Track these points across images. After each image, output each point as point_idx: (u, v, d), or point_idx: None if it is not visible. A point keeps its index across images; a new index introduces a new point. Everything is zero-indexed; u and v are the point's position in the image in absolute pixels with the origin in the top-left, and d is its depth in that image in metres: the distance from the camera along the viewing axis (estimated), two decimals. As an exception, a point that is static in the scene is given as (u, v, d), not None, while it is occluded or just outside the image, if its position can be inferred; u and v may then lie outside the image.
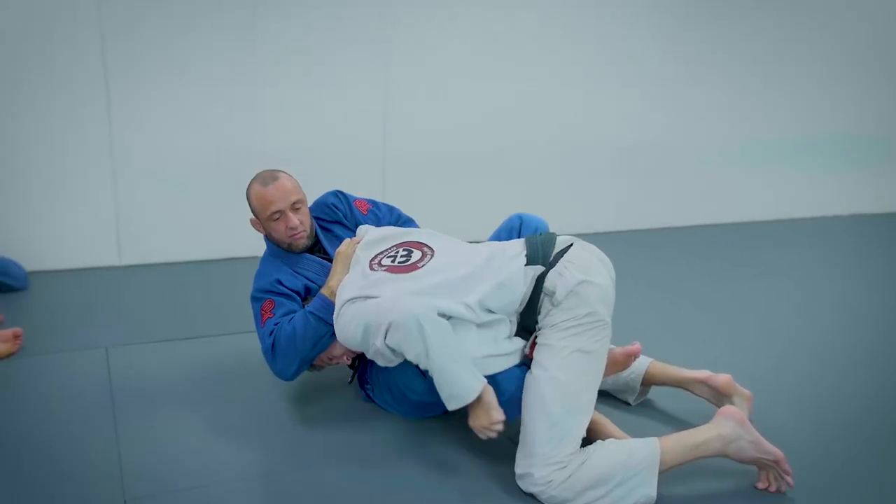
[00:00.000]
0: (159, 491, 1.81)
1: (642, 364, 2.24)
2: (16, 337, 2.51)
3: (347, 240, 2.19)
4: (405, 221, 2.45)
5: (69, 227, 3.30)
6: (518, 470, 1.83)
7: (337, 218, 2.36)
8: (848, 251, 4.14)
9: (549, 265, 1.92)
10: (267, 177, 2.25)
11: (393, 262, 2.03)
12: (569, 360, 1.83)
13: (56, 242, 3.29)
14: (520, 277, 1.91)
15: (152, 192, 3.38)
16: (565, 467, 1.78)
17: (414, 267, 1.98)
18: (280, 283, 2.17)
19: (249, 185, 2.27)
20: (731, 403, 2.13)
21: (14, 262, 3.11)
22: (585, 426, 1.85)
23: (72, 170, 3.25)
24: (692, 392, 2.20)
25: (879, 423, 2.24)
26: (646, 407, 2.27)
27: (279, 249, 2.27)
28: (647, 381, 2.25)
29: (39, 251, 3.25)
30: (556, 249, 1.96)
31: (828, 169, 4.68)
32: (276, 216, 2.20)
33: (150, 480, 1.85)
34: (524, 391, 1.87)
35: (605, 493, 1.77)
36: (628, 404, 2.27)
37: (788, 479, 1.85)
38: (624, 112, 4.09)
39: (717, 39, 4.16)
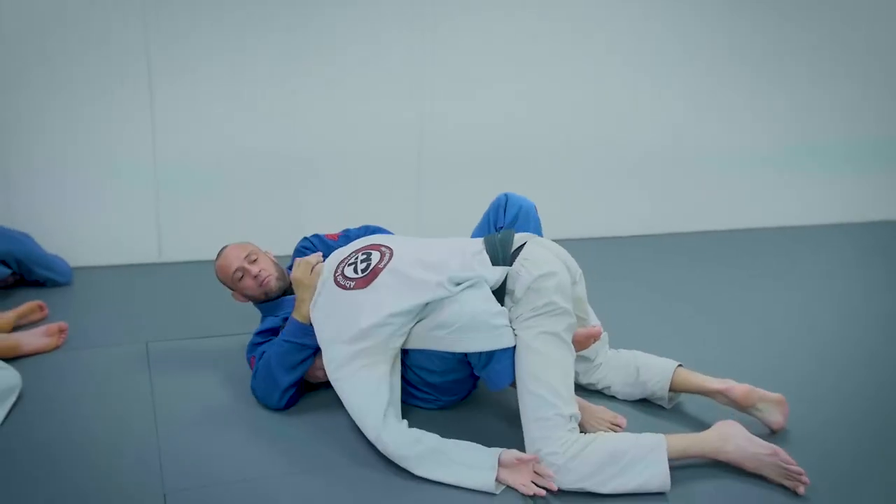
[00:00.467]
0: (199, 485, 1.84)
1: (667, 370, 2.25)
2: (61, 331, 2.57)
3: (297, 261, 2.21)
4: (375, 232, 2.51)
5: (111, 224, 3.37)
6: (554, 470, 1.85)
7: None
8: (874, 257, 4.00)
9: (508, 264, 2.01)
10: (217, 255, 2.48)
11: (354, 270, 2.10)
12: (534, 342, 1.93)
13: (99, 239, 3.37)
14: (487, 272, 1.99)
15: (192, 191, 3.44)
16: (574, 441, 1.85)
17: (376, 271, 2.05)
18: (258, 334, 2.34)
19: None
20: (757, 411, 2.13)
21: (59, 258, 3.19)
22: (573, 402, 1.92)
23: (115, 169, 3.31)
24: (716, 401, 2.20)
25: (882, 426, 2.22)
26: (659, 414, 2.26)
27: (263, 306, 2.45)
28: (674, 388, 2.26)
29: (83, 247, 3.32)
30: (514, 248, 2.05)
31: (859, 174, 4.56)
32: (239, 275, 2.40)
33: (190, 474, 1.88)
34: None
35: (619, 469, 1.83)
36: (663, 408, 2.28)
37: (794, 468, 1.86)
38: (656, 116, 4.05)
39: (743, 43, 4.10)
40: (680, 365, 2.27)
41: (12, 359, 2.37)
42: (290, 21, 3.38)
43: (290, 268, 2.48)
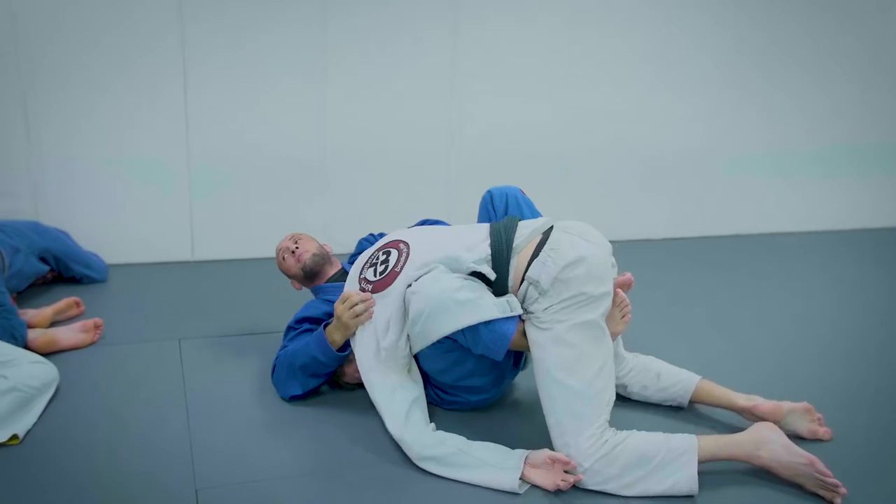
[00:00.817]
0: (230, 482, 1.85)
1: (690, 381, 2.22)
2: (96, 327, 2.61)
3: (345, 294, 2.12)
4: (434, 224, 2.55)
5: (146, 223, 3.42)
6: (578, 459, 1.85)
7: None
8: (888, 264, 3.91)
9: (536, 252, 1.96)
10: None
11: (374, 273, 2.12)
12: (567, 335, 1.88)
13: (134, 237, 3.42)
14: (470, 258, 1.99)
15: (225, 191, 3.47)
16: (604, 442, 1.83)
17: (393, 275, 2.05)
18: (297, 321, 2.37)
19: None
20: (787, 424, 2.10)
21: (95, 256, 3.24)
22: (610, 394, 1.90)
23: (150, 170, 3.36)
24: (742, 417, 2.16)
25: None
26: (680, 417, 2.24)
27: (312, 288, 2.55)
28: (695, 399, 2.22)
29: (119, 245, 3.37)
30: (535, 231, 2.02)
31: (869, 179, 4.46)
32: (282, 257, 2.54)
33: (221, 471, 1.89)
34: (537, 382, 1.93)
35: (647, 473, 1.82)
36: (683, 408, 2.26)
37: (831, 480, 1.82)
38: (678, 121, 4.01)
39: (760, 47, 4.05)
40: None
41: (50, 353, 2.42)
42: (323, 23, 3.40)
43: (351, 260, 2.58)
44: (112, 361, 2.47)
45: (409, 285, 1.98)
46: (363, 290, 2.11)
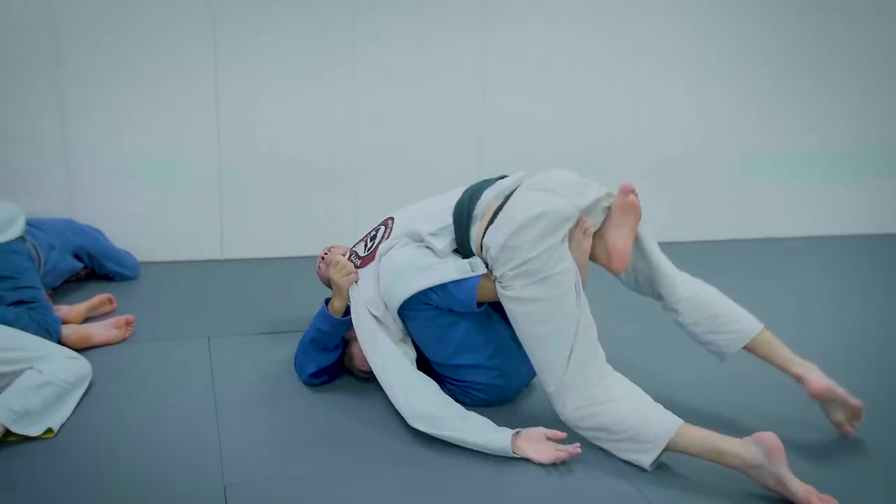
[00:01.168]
0: (258, 478, 1.87)
1: (749, 331, 2.11)
2: (128, 323, 2.65)
3: (334, 260, 2.29)
4: None
5: (177, 222, 3.47)
6: (556, 407, 1.95)
7: None
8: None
9: (493, 219, 2.03)
10: None
11: (364, 248, 2.29)
12: (525, 292, 1.93)
13: (165, 236, 3.46)
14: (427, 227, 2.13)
15: (254, 191, 3.51)
16: (590, 401, 1.88)
17: (376, 250, 2.22)
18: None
19: None
20: (830, 408, 2.04)
21: (127, 254, 3.29)
22: (585, 331, 1.93)
23: (181, 168, 3.41)
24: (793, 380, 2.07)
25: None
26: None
27: None
28: (749, 349, 2.13)
29: (150, 243, 3.42)
30: (498, 195, 2.08)
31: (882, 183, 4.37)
32: (319, 265, 2.62)
33: (250, 467, 1.91)
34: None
35: (608, 438, 1.91)
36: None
37: None
38: (692, 123, 3.97)
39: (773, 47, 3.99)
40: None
41: (83, 349, 2.46)
42: (353, 23, 3.42)
43: None
44: (143, 358, 2.51)
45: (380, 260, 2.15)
46: (353, 263, 2.27)
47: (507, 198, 2.07)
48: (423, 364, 2.24)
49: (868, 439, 2.11)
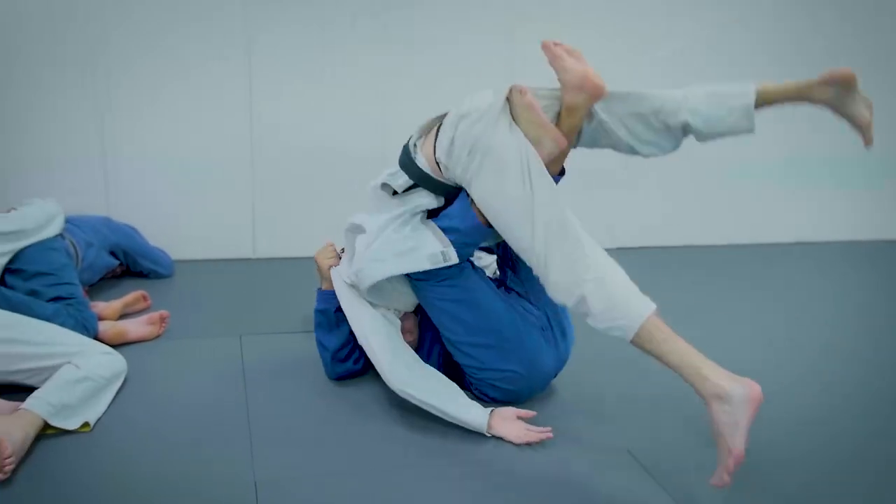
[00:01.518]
0: (289, 476, 1.88)
1: (746, 95, 1.96)
2: (162, 319, 2.68)
3: (319, 251, 2.49)
4: None
5: (211, 221, 3.51)
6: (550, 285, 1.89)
7: None
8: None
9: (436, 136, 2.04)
10: None
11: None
12: (478, 180, 1.94)
13: (199, 234, 3.51)
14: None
15: (287, 190, 3.54)
16: (582, 282, 1.82)
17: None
18: None
19: None
20: (854, 102, 1.91)
21: (162, 251, 3.34)
22: (555, 213, 1.88)
23: (215, 168, 3.46)
24: (814, 102, 1.93)
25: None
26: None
27: None
28: (762, 102, 1.97)
29: (184, 241, 3.47)
30: (434, 121, 2.11)
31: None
32: None
33: (280, 465, 1.92)
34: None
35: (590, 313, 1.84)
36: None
37: (726, 476, 1.65)
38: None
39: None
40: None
41: (119, 345, 2.51)
42: (385, 23, 3.43)
43: None
44: (176, 354, 2.54)
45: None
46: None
47: (440, 118, 2.08)
48: (451, 368, 2.25)
49: (867, 444, 2.09)
